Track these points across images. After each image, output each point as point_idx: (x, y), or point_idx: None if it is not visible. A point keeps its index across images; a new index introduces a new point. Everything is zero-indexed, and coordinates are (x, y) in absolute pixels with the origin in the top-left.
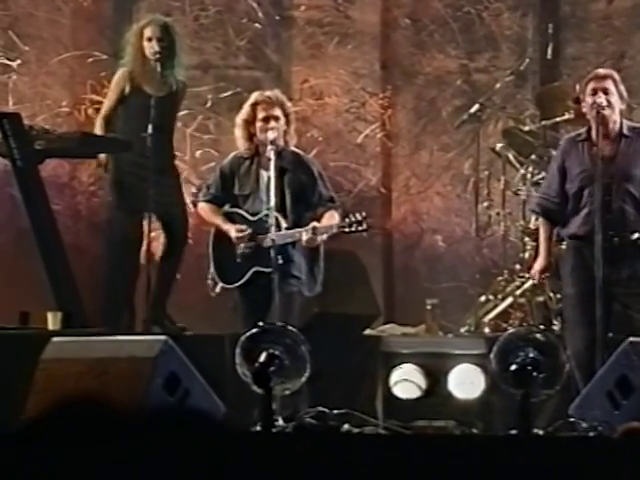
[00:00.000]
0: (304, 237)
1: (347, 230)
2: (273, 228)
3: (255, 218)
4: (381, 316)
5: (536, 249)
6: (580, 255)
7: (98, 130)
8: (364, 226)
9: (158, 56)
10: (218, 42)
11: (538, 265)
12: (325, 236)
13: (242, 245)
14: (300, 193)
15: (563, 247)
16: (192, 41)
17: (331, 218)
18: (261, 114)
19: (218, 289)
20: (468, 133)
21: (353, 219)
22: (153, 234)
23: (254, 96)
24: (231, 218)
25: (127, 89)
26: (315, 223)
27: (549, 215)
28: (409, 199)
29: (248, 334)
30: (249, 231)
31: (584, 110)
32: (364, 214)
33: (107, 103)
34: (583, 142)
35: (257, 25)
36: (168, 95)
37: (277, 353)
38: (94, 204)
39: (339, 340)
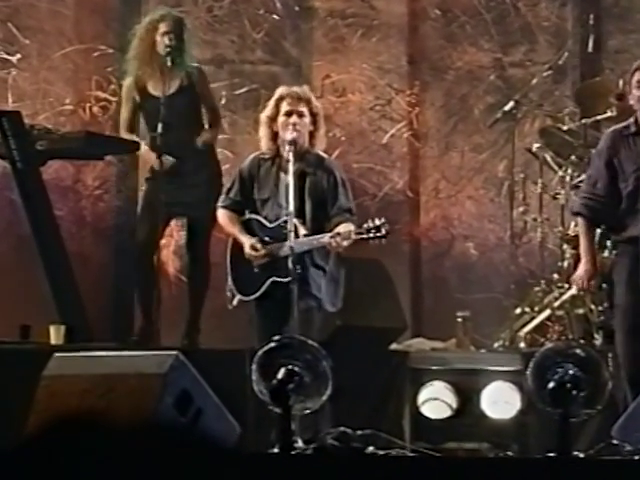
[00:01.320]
0: (327, 240)
1: (365, 237)
2: (292, 235)
3: (273, 225)
4: (408, 329)
5: (576, 256)
6: (637, 260)
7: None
8: (382, 232)
9: (169, 50)
10: (233, 35)
11: (583, 270)
12: (345, 243)
13: (255, 262)
14: (320, 200)
15: (605, 255)
16: (205, 34)
17: (346, 228)
18: (284, 108)
19: (236, 302)
20: (502, 132)
21: (371, 225)
22: (163, 241)
23: (280, 90)
24: (249, 226)
25: (137, 97)
26: (338, 228)
27: (596, 216)
28: (438, 203)
29: (265, 349)
30: (263, 252)
31: (631, 103)
32: (383, 219)
33: (123, 116)
34: (634, 136)
35: (275, 17)
36: (180, 90)
37: (296, 369)
38: (100, 209)
39: (363, 355)
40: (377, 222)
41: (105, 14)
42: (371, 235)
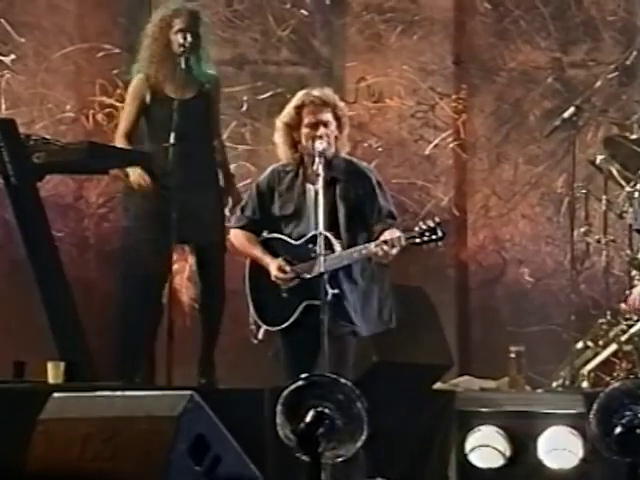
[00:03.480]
0: (374, 249)
1: (418, 241)
2: (322, 252)
3: (300, 242)
4: (454, 366)
5: None
6: None
7: None
8: (439, 234)
9: (184, 49)
10: (255, 32)
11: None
12: (395, 251)
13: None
14: (355, 208)
15: None
16: (224, 31)
17: (392, 234)
18: (307, 118)
19: (261, 335)
20: (561, 142)
21: (424, 227)
22: (176, 266)
23: (299, 96)
24: (270, 246)
25: (148, 98)
26: (386, 234)
27: None
28: (488, 223)
29: (292, 388)
30: (292, 274)
31: None
32: (437, 219)
33: (126, 117)
34: None
35: (303, 11)
36: (197, 96)
37: (327, 411)
38: (104, 230)
39: (403, 396)
40: (431, 223)
41: (111, 9)
42: (425, 239)
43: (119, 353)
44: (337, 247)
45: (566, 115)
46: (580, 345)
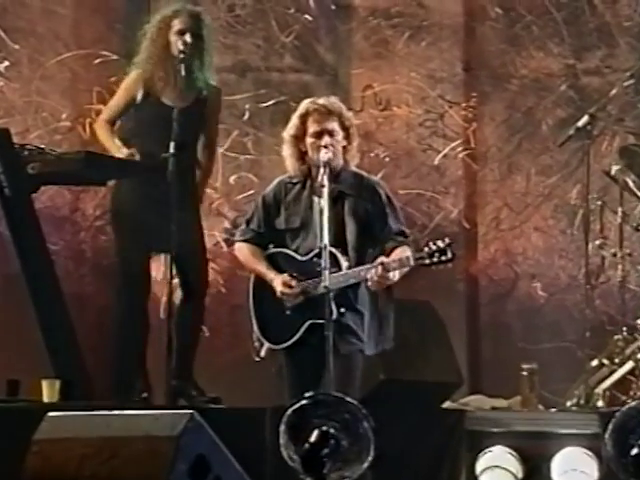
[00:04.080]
0: (370, 275)
1: (427, 262)
2: (327, 269)
3: (306, 258)
4: (464, 385)
5: None
6: None
7: (101, 138)
8: (449, 255)
9: (185, 53)
10: (258, 38)
11: None
12: (398, 274)
13: (289, 302)
14: (365, 224)
15: None
16: (225, 37)
17: (402, 254)
18: (312, 127)
19: (264, 352)
20: (575, 152)
21: (434, 247)
22: (176, 281)
23: (304, 105)
24: (275, 261)
25: (139, 96)
26: (383, 258)
27: None
28: (499, 236)
29: (295, 407)
30: (299, 289)
31: None
32: (447, 240)
33: (114, 105)
34: None
35: (307, 16)
36: (193, 104)
37: (332, 431)
38: (101, 243)
39: (411, 415)
40: (441, 244)
41: (108, 14)
42: (435, 260)
43: (116, 371)
44: (344, 265)
45: (580, 124)
46: (595, 363)
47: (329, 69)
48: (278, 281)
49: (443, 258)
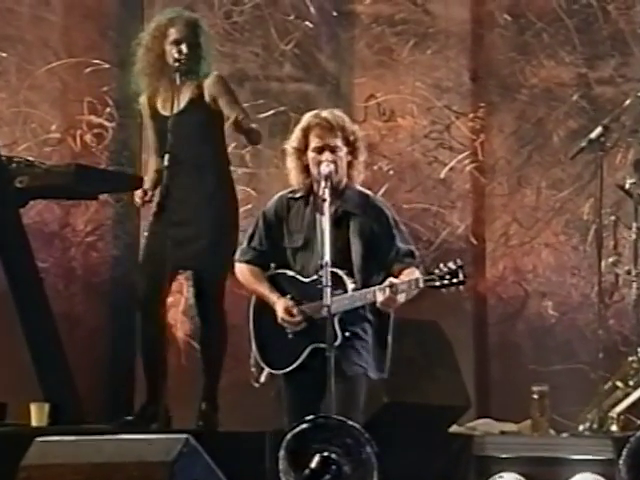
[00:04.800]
0: (380, 297)
1: (438, 284)
2: (328, 287)
3: (310, 280)
4: (472, 408)
5: None
6: None
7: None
8: (460, 277)
9: (180, 63)
10: (256, 46)
11: None
12: (405, 296)
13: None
14: (371, 245)
15: None
16: (222, 45)
17: (411, 275)
18: (314, 142)
19: (264, 378)
20: (588, 165)
21: (445, 269)
22: (171, 299)
23: (306, 118)
24: (277, 281)
25: (145, 118)
26: (392, 279)
27: None
28: (509, 252)
29: (296, 431)
30: (299, 318)
31: None
32: (459, 262)
33: (150, 139)
34: None
35: (307, 23)
36: (189, 104)
37: (334, 456)
38: (93, 260)
39: (416, 440)
40: (452, 265)
41: (100, 21)
42: (446, 282)
43: (109, 394)
44: (350, 286)
45: (593, 135)
46: (609, 385)
47: (330, 78)
48: (280, 306)
49: (454, 280)
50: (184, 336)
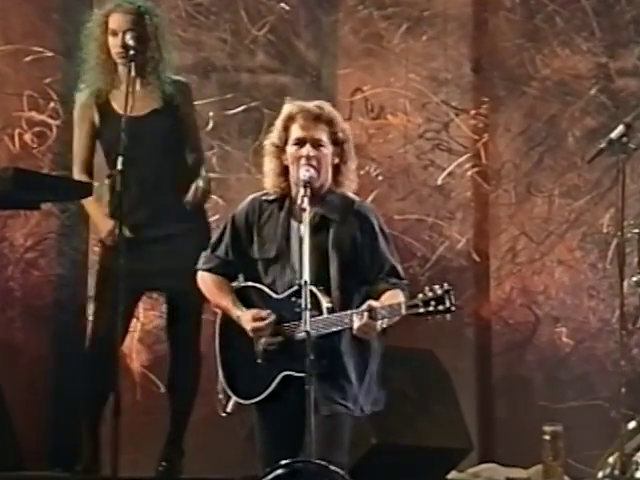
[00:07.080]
0: (356, 323)
1: (422, 311)
2: (308, 310)
3: (283, 296)
4: (474, 451)
5: None
6: None
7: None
8: (447, 304)
9: (126, 59)
10: (224, 32)
11: None
12: (386, 322)
13: (263, 340)
14: (351, 258)
15: None
16: (185, 31)
17: (393, 299)
18: (295, 133)
19: (231, 407)
20: (608, 170)
21: (430, 294)
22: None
23: (289, 107)
24: (246, 297)
25: (97, 119)
26: (372, 302)
27: None
28: (516, 271)
29: (269, 477)
30: (272, 318)
31: None
32: (447, 286)
33: (77, 146)
34: None
35: (283, 5)
36: (155, 112)
37: None
38: (34, 280)
39: None
40: (438, 290)
41: (42, 3)
42: (431, 309)
43: (53, 435)
44: (325, 306)
45: (614, 135)
46: (632, 425)
47: (310, 69)
48: (247, 317)
49: (440, 308)
50: (140, 368)
